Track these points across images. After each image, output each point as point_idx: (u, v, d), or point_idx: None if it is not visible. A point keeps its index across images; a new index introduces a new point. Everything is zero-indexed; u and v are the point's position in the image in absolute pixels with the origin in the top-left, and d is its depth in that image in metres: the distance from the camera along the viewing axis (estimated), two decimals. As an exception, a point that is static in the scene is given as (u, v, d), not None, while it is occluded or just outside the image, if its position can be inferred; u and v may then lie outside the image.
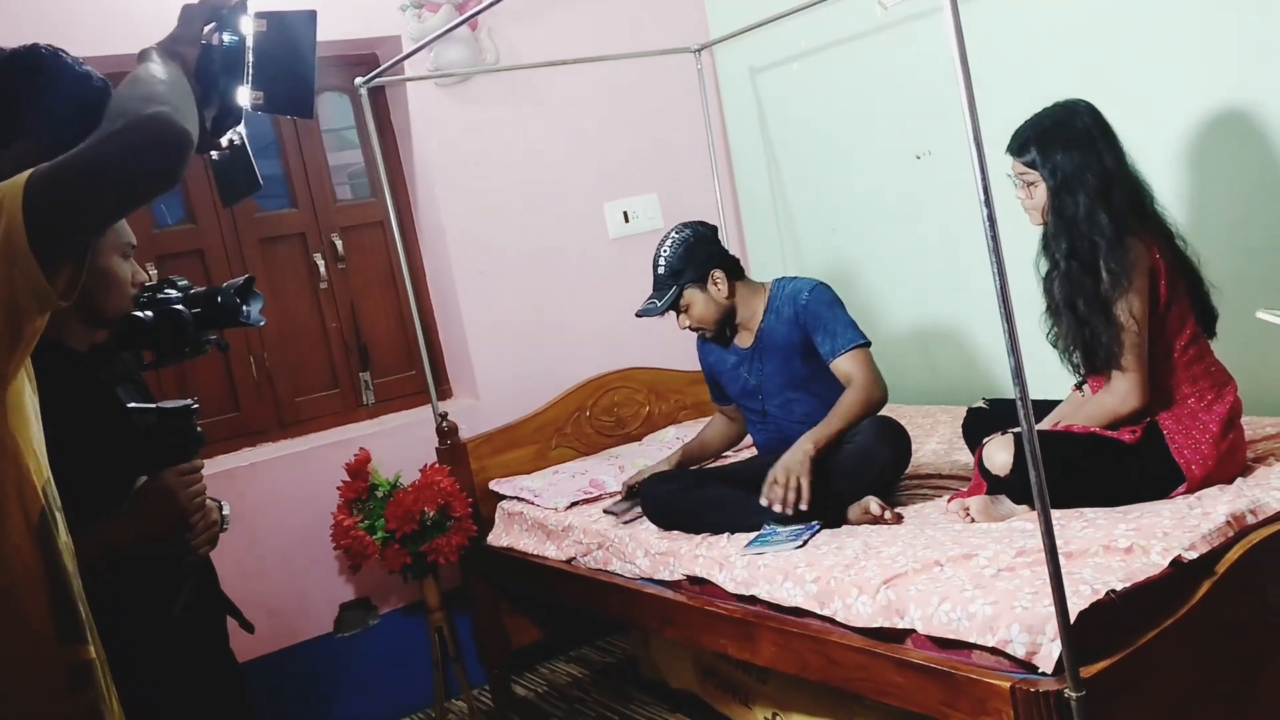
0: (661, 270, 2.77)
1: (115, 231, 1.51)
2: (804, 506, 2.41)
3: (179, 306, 1.67)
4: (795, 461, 2.46)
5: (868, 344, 2.67)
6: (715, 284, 2.76)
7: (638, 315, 2.82)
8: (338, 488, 3.22)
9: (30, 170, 1.06)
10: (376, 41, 3.57)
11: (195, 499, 1.66)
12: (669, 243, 2.79)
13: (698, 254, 2.76)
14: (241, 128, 1.38)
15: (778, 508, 2.42)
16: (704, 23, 4.05)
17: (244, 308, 1.70)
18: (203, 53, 1.28)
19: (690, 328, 2.81)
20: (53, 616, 1.09)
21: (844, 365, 2.65)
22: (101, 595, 1.26)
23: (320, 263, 3.53)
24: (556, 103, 3.79)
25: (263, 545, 3.23)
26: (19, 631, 1.07)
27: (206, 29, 1.29)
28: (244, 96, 1.32)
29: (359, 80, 3.25)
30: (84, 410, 1.57)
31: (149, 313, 1.63)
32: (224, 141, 1.37)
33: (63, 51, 1.34)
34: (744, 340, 2.82)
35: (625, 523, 2.79)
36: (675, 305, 2.77)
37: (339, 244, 3.57)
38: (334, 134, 3.67)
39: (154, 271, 3.23)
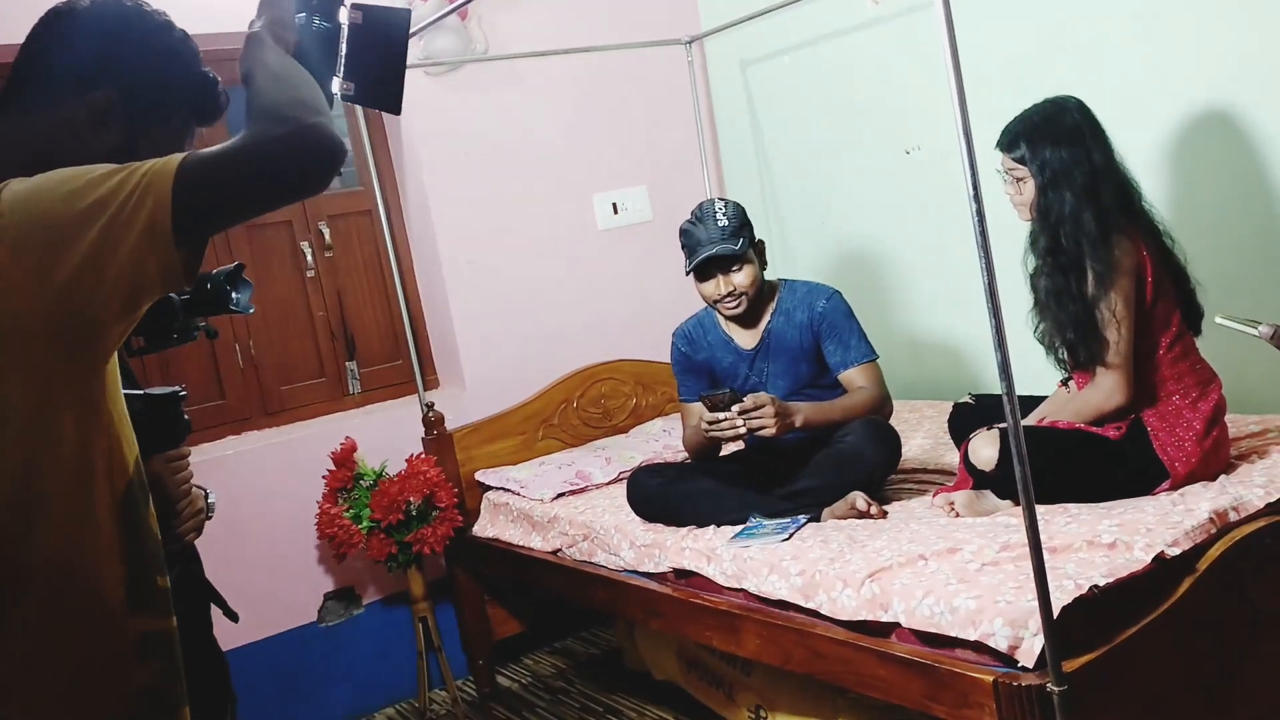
0: (725, 223, 2.62)
1: None
2: (740, 433, 2.46)
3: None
4: (783, 412, 2.47)
5: (878, 358, 2.69)
6: (761, 255, 2.71)
7: (707, 259, 2.60)
8: (323, 477, 3.21)
9: (183, 155, 1.06)
10: (366, 29, 3.54)
11: (181, 486, 1.70)
12: (721, 205, 2.67)
13: (748, 221, 2.69)
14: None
15: (740, 421, 2.44)
16: (695, 14, 4.05)
17: (233, 295, 1.69)
18: (299, 38, 1.28)
19: (731, 294, 2.65)
20: (124, 587, 1.11)
21: (855, 377, 2.65)
22: None
23: (307, 251, 3.52)
24: (546, 93, 3.78)
25: (247, 534, 3.21)
26: (91, 603, 1.09)
27: (299, 14, 1.28)
28: (335, 85, 1.32)
29: (348, 68, 3.22)
30: None
31: None
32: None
33: (143, 2, 1.33)
34: (745, 340, 2.77)
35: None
36: (741, 258, 2.64)
37: (326, 232, 3.56)
38: (322, 121, 3.65)
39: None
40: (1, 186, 1.07)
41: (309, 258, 3.52)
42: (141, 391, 1.67)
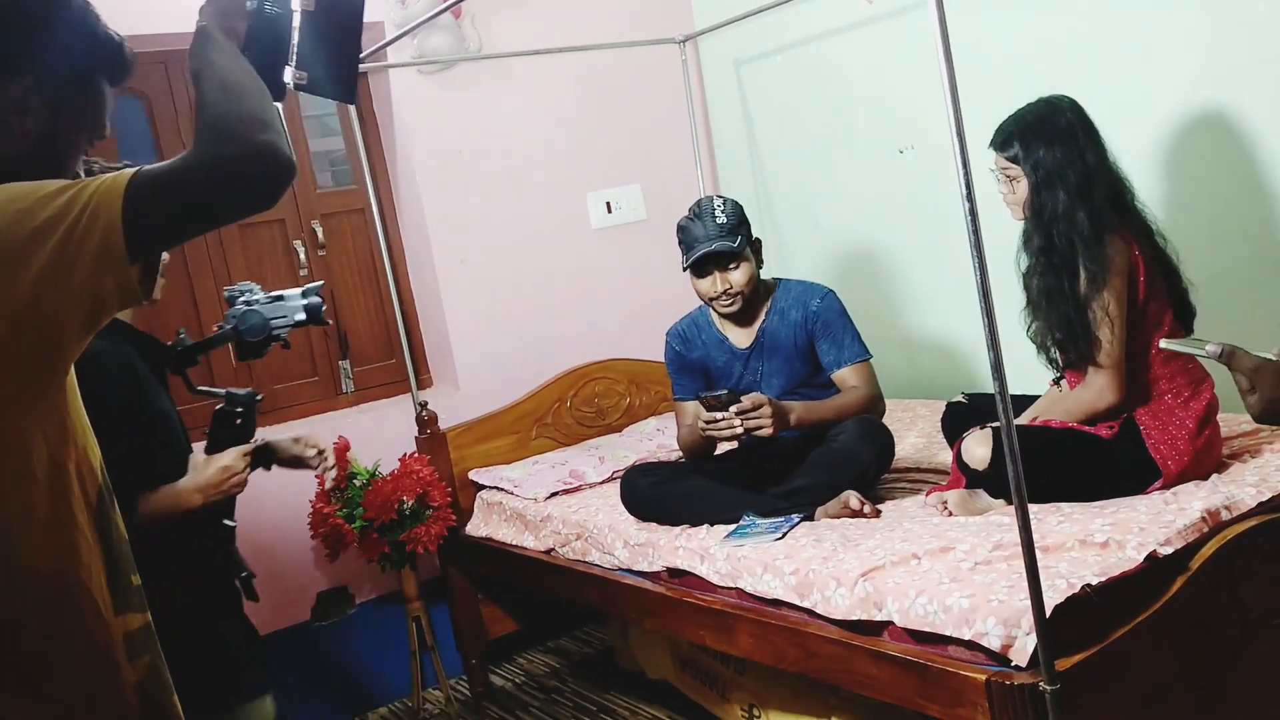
0: (723, 220, 2.62)
1: None
2: (738, 433, 2.46)
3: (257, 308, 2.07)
4: (778, 412, 2.48)
5: (871, 357, 2.69)
6: (758, 253, 2.72)
7: (704, 255, 2.60)
8: (316, 476, 3.20)
9: (131, 173, 1.07)
10: (359, 27, 3.54)
11: (243, 475, 2.09)
12: (719, 201, 2.67)
13: (746, 219, 2.70)
14: (280, 106, 1.35)
15: (738, 422, 2.45)
16: (689, 14, 4.05)
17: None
18: (249, 25, 1.25)
19: (727, 292, 2.66)
20: (108, 589, 1.13)
21: (848, 376, 2.66)
22: (157, 556, 1.46)
23: (300, 249, 3.51)
24: (540, 92, 3.78)
25: (240, 533, 3.19)
26: (84, 610, 1.11)
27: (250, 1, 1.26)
28: (288, 75, 1.29)
29: (341, 66, 3.22)
30: (155, 391, 2.00)
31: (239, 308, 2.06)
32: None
33: None
34: (739, 339, 2.77)
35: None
36: (738, 255, 2.64)
37: (319, 230, 3.55)
38: (315, 120, 3.64)
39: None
40: None
41: (302, 256, 3.51)
42: (224, 390, 2.07)
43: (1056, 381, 2.40)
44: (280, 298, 2.11)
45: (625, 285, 3.93)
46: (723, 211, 2.65)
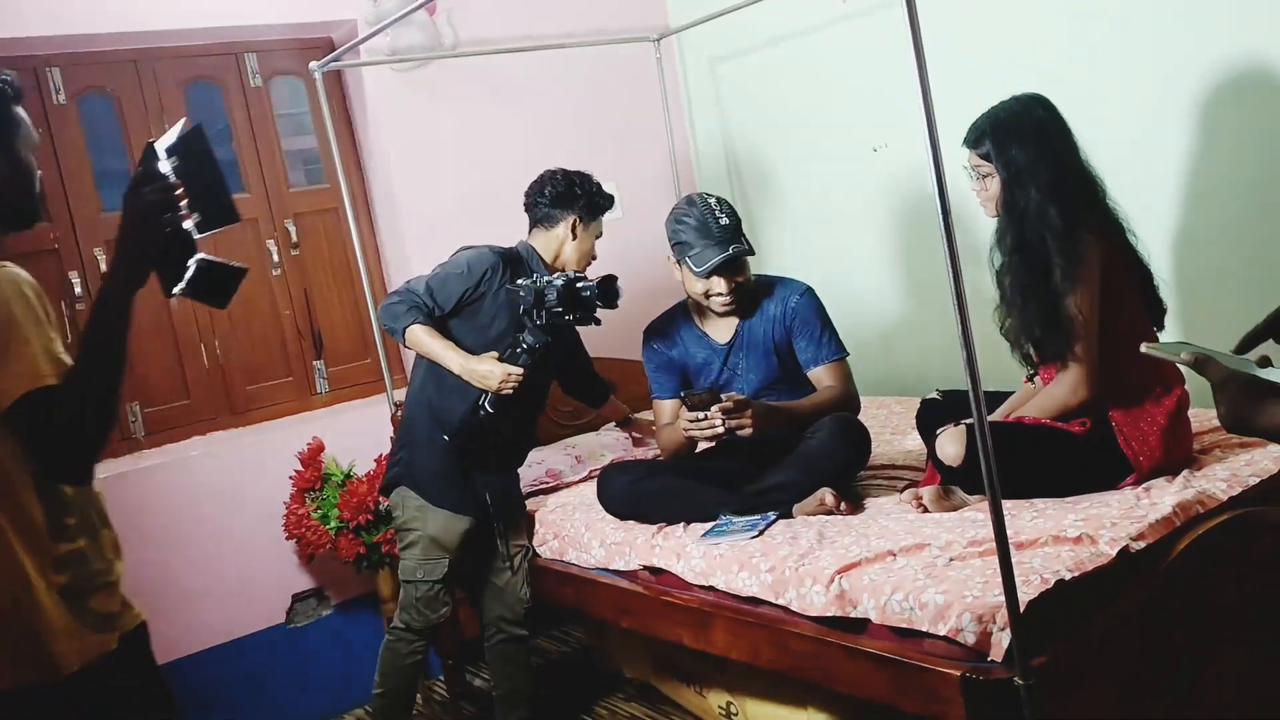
0: (727, 221, 2.62)
1: None
2: (718, 433, 2.47)
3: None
4: (758, 412, 2.49)
5: (848, 355, 2.70)
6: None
7: (725, 259, 2.58)
8: (290, 477, 3.18)
9: (28, 389, 1.33)
10: (332, 25, 3.52)
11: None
12: (715, 202, 2.67)
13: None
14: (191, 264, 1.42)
15: (719, 421, 2.46)
16: (663, 11, 4.04)
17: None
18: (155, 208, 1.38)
19: (732, 292, 2.64)
20: (46, 520, 1.41)
21: (823, 375, 2.67)
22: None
23: (273, 248, 3.48)
24: (515, 90, 3.76)
25: (214, 535, 3.18)
26: (30, 533, 1.39)
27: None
28: (188, 224, 1.41)
29: (314, 64, 3.20)
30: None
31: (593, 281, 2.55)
32: (191, 266, 1.41)
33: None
34: (719, 334, 2.77)
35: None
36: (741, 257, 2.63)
37: (293, 230, 3.52)
38: (288, 118, 3.62)
39: (102, 256, 3.17)
40: None
41: (275, 255, 3.49)
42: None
43: (1030, 378, 2.41)
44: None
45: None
46: (724, 212, 2.65)
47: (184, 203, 1.38)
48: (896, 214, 3.45)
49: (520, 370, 2.58)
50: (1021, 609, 1.65)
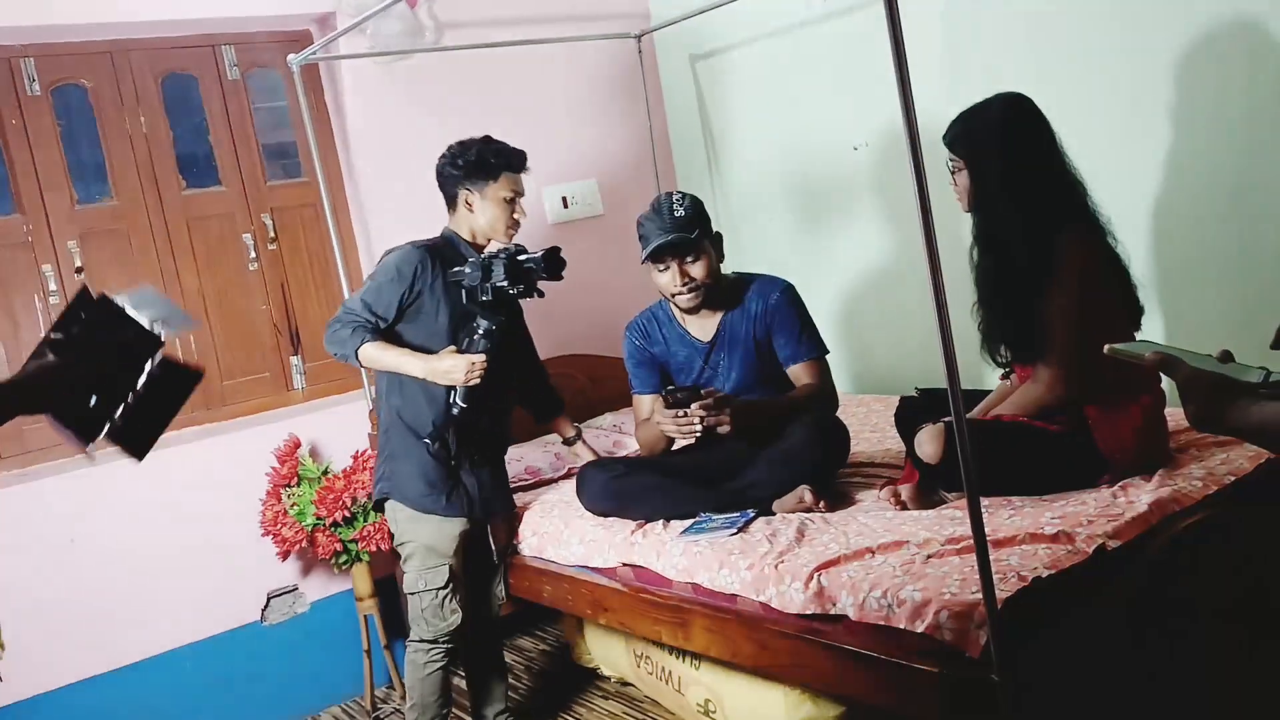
0: (681, 213, 2.62)
1: None
2: (697, 430, 2.48)
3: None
4: (738, 410, 2.49)
5: (827, 353, 2.70)
6: (718, 247, 2.71)
7: (660, 247, 2.59)
8: (267, 474, 3.16)
9: None
10: (311, 18, 3.49)
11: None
12: (678, 196, 2.67)
13: (705, 214, 2.70)
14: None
15: (698, 418, 2.47)
16: (644, 8, 4.04)
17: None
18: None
19: (686, 285, 2.64)
20: None
21: (802, 372, 2.67)
22: None
23: (250, 242, 3.45)
24: (496, 85, 3.75)
25: (188, 532, 3.15)
26: None
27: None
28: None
29: (292, 57, 3.18)
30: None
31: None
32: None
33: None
34: (701, 332, 2.77)
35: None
36: (696, 247, 2.63)
37: (270, 224, 3.50)
38: (266, 111, 3.59)
39: (76, 249, 3.14)
40: None
41: (252, 250, 3.46)
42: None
43: (1006, 376, 2.42)
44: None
45: (582, 280, 3.90)
46: (681, 205, 2.65)
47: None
48: (876, 212, 3.46)
49: (483, 357, 2.52)
50: (999, 606, 1.66)
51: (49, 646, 2.93)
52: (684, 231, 2.59)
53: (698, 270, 2.64)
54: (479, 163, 2.70)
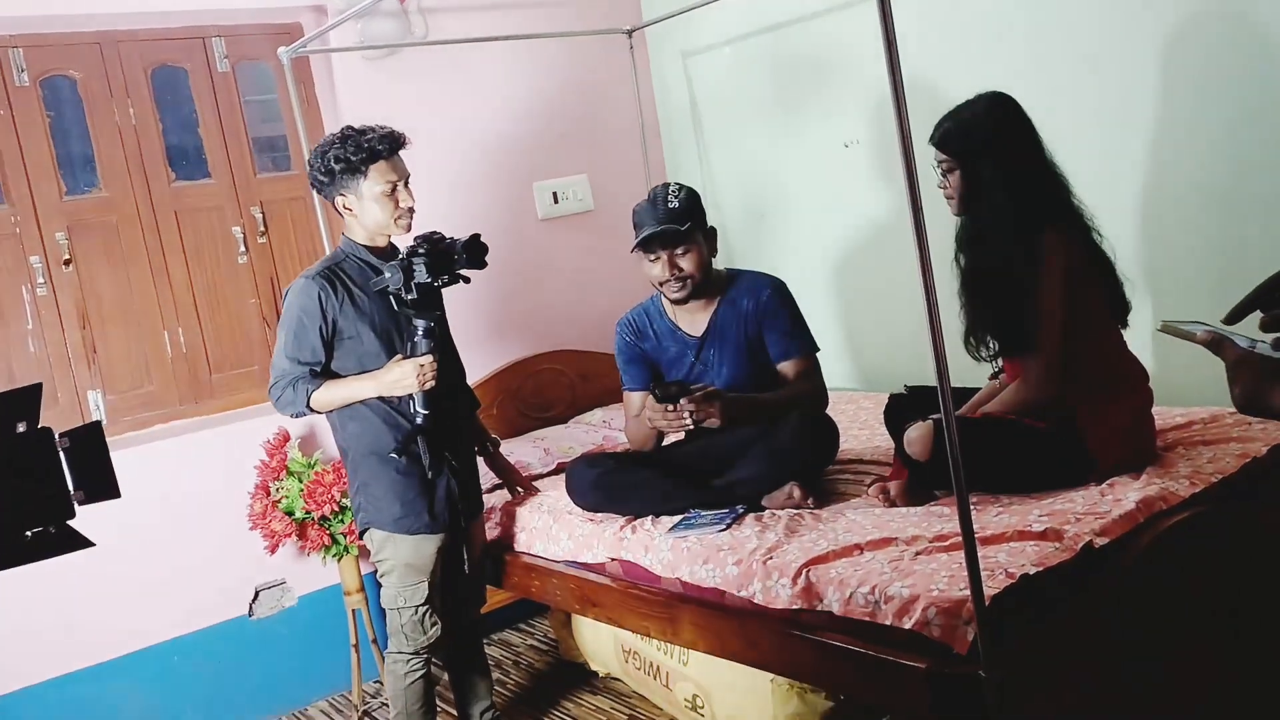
0: (674, 204, 2.61)
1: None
2: (686, 425, 2.50)
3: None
4: (726, 405, 2.50)
5: (818, 350, 2.70)
6: (711, 241, 2.70)
7: (650, 236, 2.58)
8: (255, 467, 3.15)
9: None
10: (301, 10, 3.48)
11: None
12: (674, 187, 2.66)
13: (700, 207, 2.68)
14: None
15: (688, 413, 2.47)
16: (636, 4, 4.03)
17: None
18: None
19: (675, 276, 2.62)
20: None
21: (791, 369, 2.67)
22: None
23: (239, 235, 3.44)
24: (487, 80, 3.74)
25: (176, 526, 3.14)
26: None
27: None
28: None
29: (282, 50, 3.16)
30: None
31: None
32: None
33: None
34: (692, 328, 2.76)
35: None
36: (688, 239, 2.62)
37: (259, 216, 3.48)
38: (256, 104, 3.57)
39: (64, 240, 3.12)
40: None
41: (241, 243, 3.45)
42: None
43: (995, 375, 2.43)
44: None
45: (572, 276, 3.92)
46: (675, 197, 2.64)
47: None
48: (867, 209, 3.46)
49: (430, 358, 2.44)
50: (986, 603, 1.66)
51: (34, 641, 2.92)
52: (676, 222, 2.59)
53: (687, 263, 2.64)
54: (342, 164, 2.52)
